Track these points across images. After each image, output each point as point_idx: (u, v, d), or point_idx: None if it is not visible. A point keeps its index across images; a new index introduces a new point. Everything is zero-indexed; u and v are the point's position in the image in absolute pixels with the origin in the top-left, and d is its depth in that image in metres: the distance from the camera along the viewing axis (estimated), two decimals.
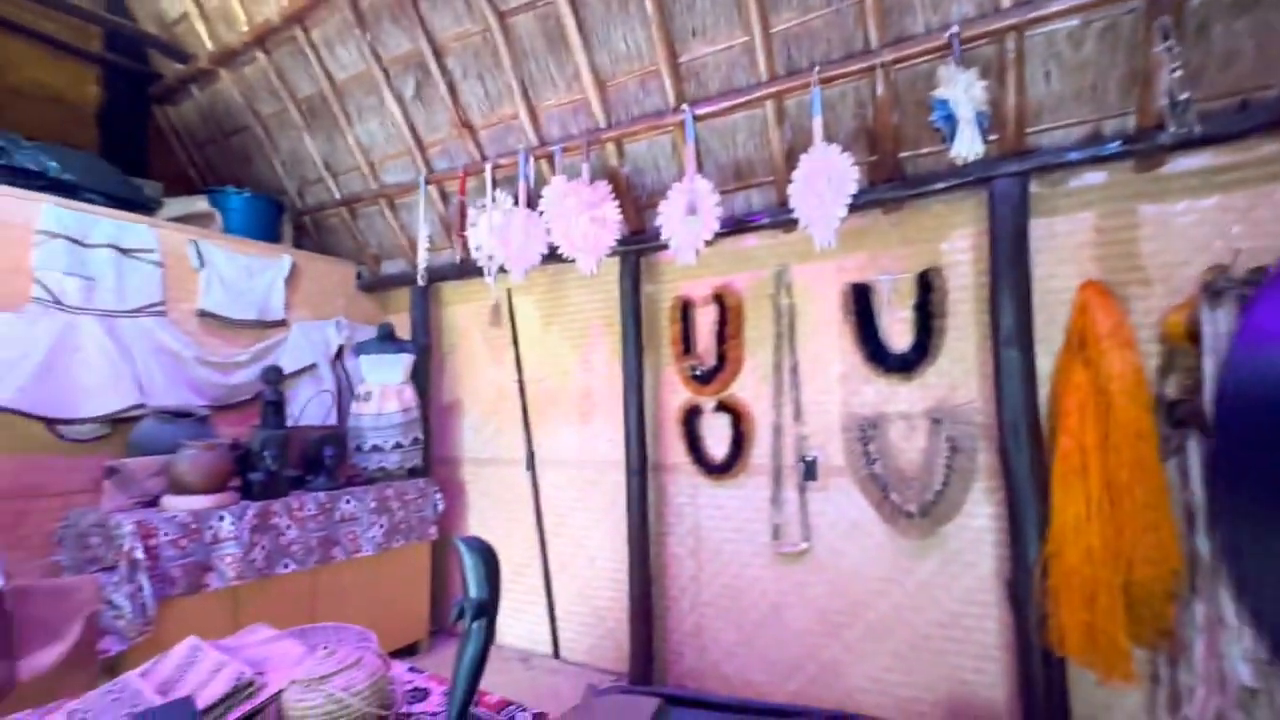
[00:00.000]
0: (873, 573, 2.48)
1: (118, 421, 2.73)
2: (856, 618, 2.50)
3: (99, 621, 2.15)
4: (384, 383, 3.26)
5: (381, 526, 3.07)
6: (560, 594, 3.25)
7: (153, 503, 2.53)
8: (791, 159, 2.41)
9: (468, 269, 3.42)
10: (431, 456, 3.63)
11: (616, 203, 2.64)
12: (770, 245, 2.76)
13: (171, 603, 2.33)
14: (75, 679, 2.07)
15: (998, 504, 2.25)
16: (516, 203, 2.86)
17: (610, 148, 2.80)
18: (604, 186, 2.66)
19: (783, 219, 2.54)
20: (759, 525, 2.72)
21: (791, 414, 2.67)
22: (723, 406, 2.83)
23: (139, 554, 2.23)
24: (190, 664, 1.39)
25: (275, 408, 2.89)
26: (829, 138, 2.23)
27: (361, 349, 3.32)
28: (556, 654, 3.22)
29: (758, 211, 2.68)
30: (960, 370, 2.36)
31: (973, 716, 2.24)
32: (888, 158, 2.37)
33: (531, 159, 2.91)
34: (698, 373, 2.87)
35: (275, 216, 3.69)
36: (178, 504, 2.45)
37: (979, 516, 2.30)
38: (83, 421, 2.61)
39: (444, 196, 3.41)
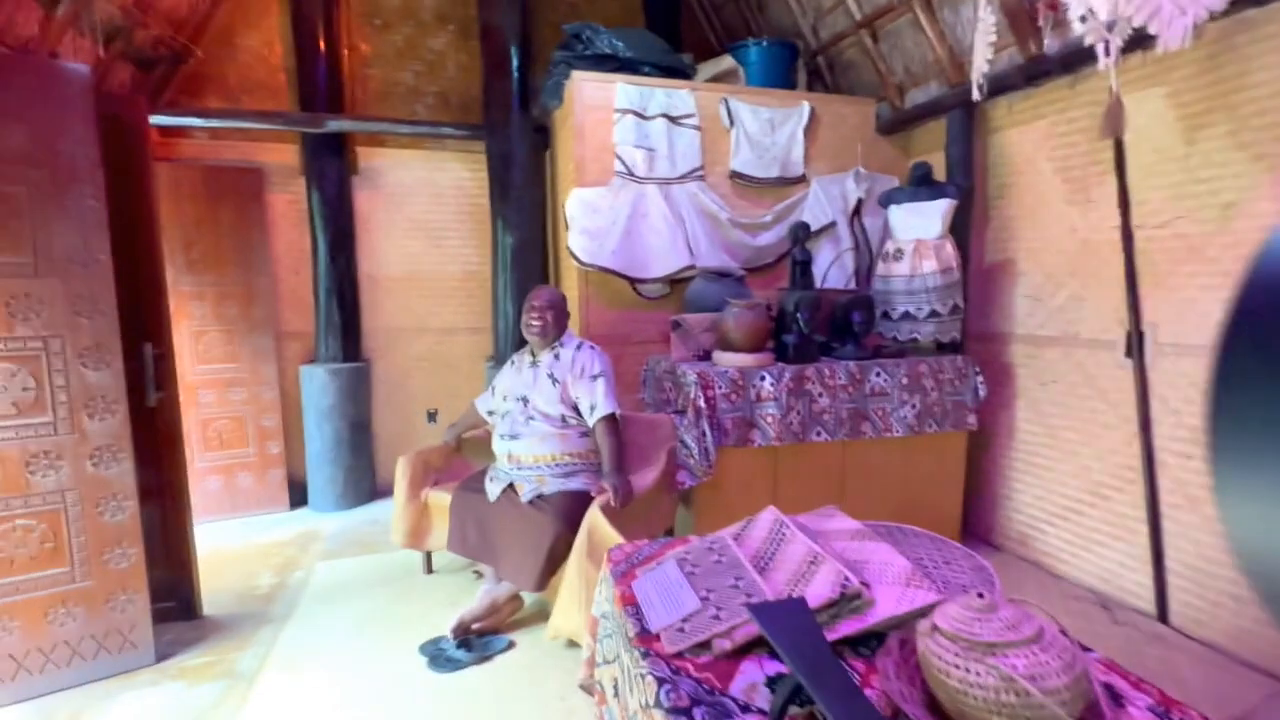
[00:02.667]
0: None
1: (675, 282, 3.01)
2: None
3: (676, 457, 2.43)
4: (918, 237, 2.68)
5: (913, 407, 2.64)
6: (1177, 539, 2.22)
7: (705, 356, 2.71)
8: None
9: (1039, 69, 2.41)
10: (967, 331, 2.94)
11: None
12: None
13: (725, 451, 2.47)
14: (662, 503, 2.40)
15: None
16: None
17: None
18: None
19: None
20: None
21: None
22: None
23: (701, 403, 2.40)
24: (779, 540, 1.22)
25: (803, 268, 2.70)
26: None
27: (890, 198, 2.79)
28: (1162, 617, 2.27)
29: None
30: None
31: None
32: None
33: None
34: None
35: (790, 62, 3.38)
36: (726, 360, 2.54)
37: None
38: (653, 281, 2.96)
39: None
